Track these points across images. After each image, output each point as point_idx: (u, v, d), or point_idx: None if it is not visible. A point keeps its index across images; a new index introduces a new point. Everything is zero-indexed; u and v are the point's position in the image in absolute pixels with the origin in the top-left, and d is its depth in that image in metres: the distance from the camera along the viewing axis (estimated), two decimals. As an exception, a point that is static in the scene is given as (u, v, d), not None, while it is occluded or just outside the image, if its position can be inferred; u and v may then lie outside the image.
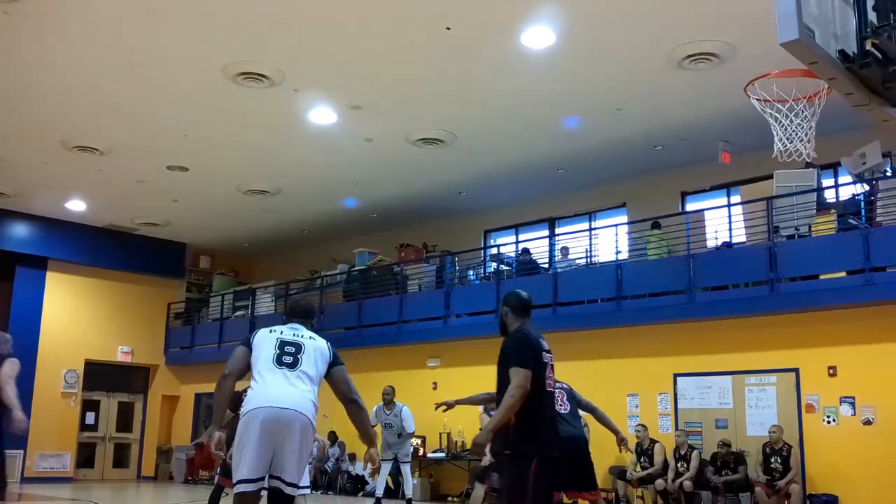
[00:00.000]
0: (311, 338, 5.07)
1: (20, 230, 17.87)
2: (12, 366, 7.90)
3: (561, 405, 6.96)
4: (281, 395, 4.68)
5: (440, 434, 14.28)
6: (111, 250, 18.89)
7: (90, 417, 19.29)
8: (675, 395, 12.23)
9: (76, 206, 17.12)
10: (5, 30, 9.64)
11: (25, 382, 17.42)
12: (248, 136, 12.97)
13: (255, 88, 11.02)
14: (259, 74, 10.66)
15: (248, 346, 4.97)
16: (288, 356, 4.87)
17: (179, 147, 13.50)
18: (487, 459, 6.87)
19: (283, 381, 4.76)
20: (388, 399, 11.60)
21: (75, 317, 18.81)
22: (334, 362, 5.05)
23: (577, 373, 12.97)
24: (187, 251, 20.56)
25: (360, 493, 14.87)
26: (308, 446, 4.79)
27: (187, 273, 20.76)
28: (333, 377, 5.02)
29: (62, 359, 18.40)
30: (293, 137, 12.97)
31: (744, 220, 11.91)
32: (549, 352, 4.97)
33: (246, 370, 4.95)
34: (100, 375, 19.30)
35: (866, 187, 10.89)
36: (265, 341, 4.94)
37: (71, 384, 18.58)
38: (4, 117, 12.40)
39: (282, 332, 5.03)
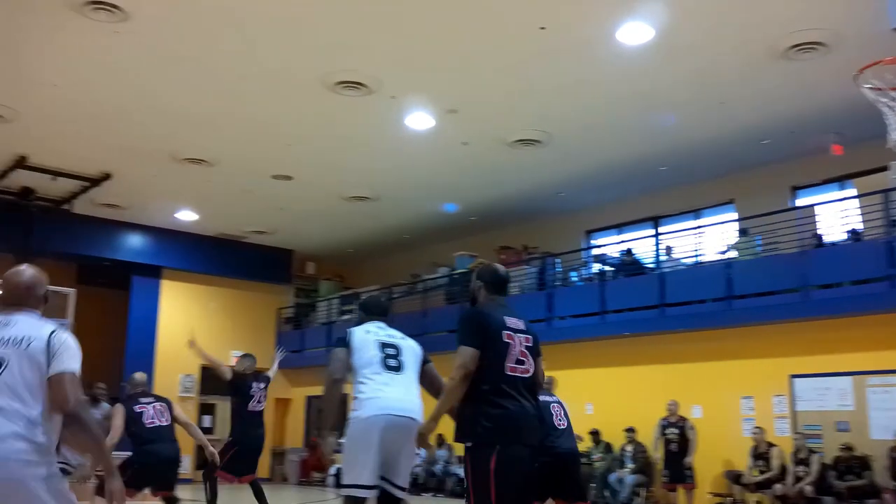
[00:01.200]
0: (402, 338, 5.05)
1: (135, 241, 18.65)
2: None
3: (559, 420, 6.88)
4: (398, 402, 4.68)
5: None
6: (222, 258, 19.53)
7: (207, 421, 19.95)
8: (792, 396, 11.75)
9: (187, 216, 17.78)
10: (116, 49, 10.06)
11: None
12: (348, 144, 13.17)
13: (353, 97, 11.17)
14: (357, 83, 10.79)
15: (347, 346, 4.92)
16: (392, 359, 4.84)
17: (283, 156, 13.83)
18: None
19: (396, 386, 4.73)
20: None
21: (189, 323, 19.48)
22: (426, 359, 5.04)
23: (687, 375, 12.74)
24: (294, 257, 21.04)
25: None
26: (416, 450, 4.80)
27: (294, 279, 21.26)
28: (428, 374, 5.00)
29: (179, 364, 19.09)
30: (391, 143, 13.09)
31: (860, 214, 11.34)
32: (520, 331, 4.35)
33: (349, 372, 4.93)
34: (215, 380, 19.84)
35: None
36: (366, 342, 4.89)
37: (188, 389, 19.26)
38: (117, 134, 12.95)
39: (377, 333, 4.98)
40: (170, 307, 19.30)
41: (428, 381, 5.00)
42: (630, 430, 12.94)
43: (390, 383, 4.74)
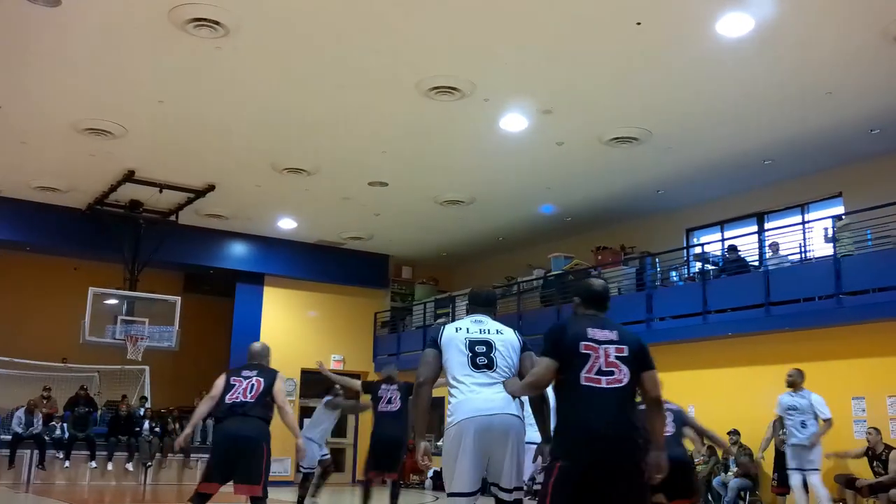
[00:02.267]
0: (498, 331, 4.92)
1: (238, 249, 19.20)
2: (283, 380, 7.37)
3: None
4: (487, 402, 4.60)
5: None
6: (320, 264, 19.91)
7: (306, 423, 20.29)
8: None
9: (287, 224, 18.19)
10: (217, 64, 10.38)
11: (250, 391, 18.82)
12: (442, 148, 13.23)
13: (447, 101, 11.21)
14: (450, 87, 10.82)
15: (437, 347, 4.87)
16: (482, 357, 4.74)
17: (379, 163, 14.00)
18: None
19: (486, 386, 4.65)
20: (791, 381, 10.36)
21: (290, 328, 19.94)
22: (523, 348, 4.93)
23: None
24: (390, 262, 21.30)
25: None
26: (522, 447, 4.69)
27: (391, 283, 21.50)
28: (523, 365, 4.85)
29: (280, 368, 19.15)
30: (485, 146, 13.09)
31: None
32: (608, 342, 4.26)
33: (439, 372, 4.87)
34: (315, 383, 20.30)
35: None
36: (454, 342, 4.81)
37: (289, 392, 19.69)
38: (220, 146, 13.38)
39: (468, 330, 4.89)
40: (272, 313, 19.77)
41: (521, 374, 4.84)
42: (734, 433, 12.56)
43: (480, 383, 4.67)
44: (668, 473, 6.49)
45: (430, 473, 18.52)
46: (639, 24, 9.11)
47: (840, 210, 13.37)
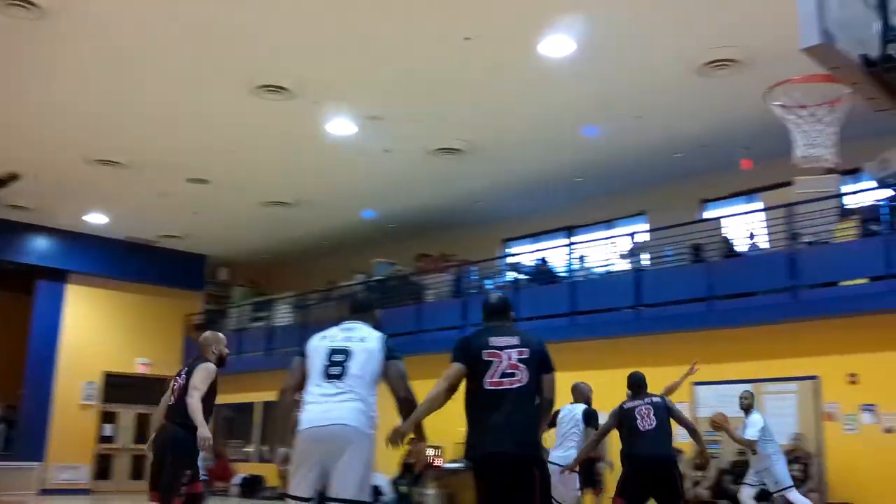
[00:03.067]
0: (361, 339, 4.85)
1: (40, 244, 18.05)
2: (203, 371, 6.78)
3: (644, 423, 7.02)
4: (325, 413, 4.56)
5: (457, 444, 14.24)
6: (131, 263, 19.05)
7: (108, 429, 19.37)
8: (694, 403, 12.17)
9: (97, 219, 17.28)
10: (29, 46, 9.77)
11: (45, 395, 17.75)
12: (269, 148, 13.06)
13: (275, 101, 11.10)
14: (279, 87, 10.73)
15: (303, 354, 4.86)
16: (336, 366, 4.70)
17: (200, 160, 13.62)
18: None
19: (330, 395, 4.61)
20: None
21: (95, 329, 18.95)
22: (389, 357, 4.83)
23: (596, 382, 12.92)
24: (207, 263, 20.70)
25: (380, 504, 14.84)
26: (363, 458, 4.58)
27: (206, 285, 20.89)
28: (387, 373, 4.83)
29: (81, 371, 18.53)
30: (313, 149, 13.04)
31: (765, 228, 11.87)
32: (509, 347, 4.68)
33: (303, 381, 4.82)
34: (118, 387, 19.39)
35: (889, 192, 10.82)
36: (317, 351, 4.81)
37: (90, 396, 18.69)
38: (27, 133, 12.55)
39: (333, 339, 4.86)
40: (75, 312, 18.72)
41: (386, 379, 4.86)
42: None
43: (325, 392, 4.64)
44: (650, 474, 6.83)
45: (235, 480, 18.13)
46: (468, 39, 9.43)
47: (644, 227, 14.36)
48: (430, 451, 13.61)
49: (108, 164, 13.67)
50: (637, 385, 7.43)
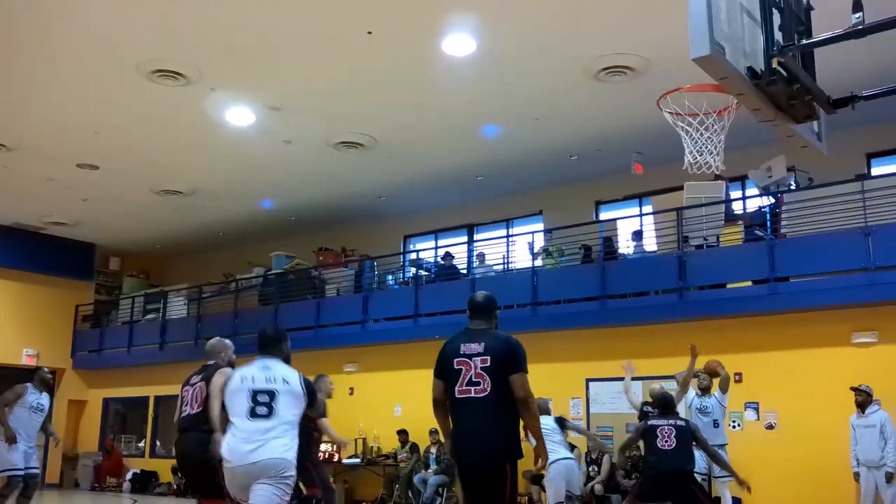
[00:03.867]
0: (284, 380, 5.20)
1: (-85, 227, 17.06)
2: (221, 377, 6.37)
3: (664, 442, 7.80)
4: (252, 451, 4.95)
5: (356, 440, 14.20)
6: (16, 250, 18.21)
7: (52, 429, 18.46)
8: (588, 399, 12.46)
9: (-22, 203, 16.44)
10: None
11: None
12: (163, 135, 12.67)
13: (170, 86, 10.78)
14: (175, 72, 10.43)
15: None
16: (262, 406, 5.05)
17: (90, 145, 13.10)
18: None
19: (257, 433, 4.99)
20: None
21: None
22: (309, 402, 5.33)
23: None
24: (97, 252, 19.99)
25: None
26: (284, 489, 5.03)
27: (96, 274, 20.17)
28: (315, 410, 5.65)
29: (-41, 363, 17.62)
30: (209, 138, 12.73)
31: (655, 230, 12.23)
32: (475, 354, 4.84)
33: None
34: (3, 379, 18.47)
35: (772, 200, 11.33)
36: (237, 394, 5.14)
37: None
38: None
39: (253, 380, 5.16)
40: (-47, 301, 17.76)
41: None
42: (434, 432, 13.19)
43: (251, 430, 5.04)
44: (666, 487, 7.72)
45: (128, 476, 17.64)
46: (370, 33, 9.38)
47: (540, 227, 14.61)
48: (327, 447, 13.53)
49: (-10, 146, 13.03)
50: (664, 405, 8.22)
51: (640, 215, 13.44)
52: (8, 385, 18.54)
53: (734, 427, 11.02)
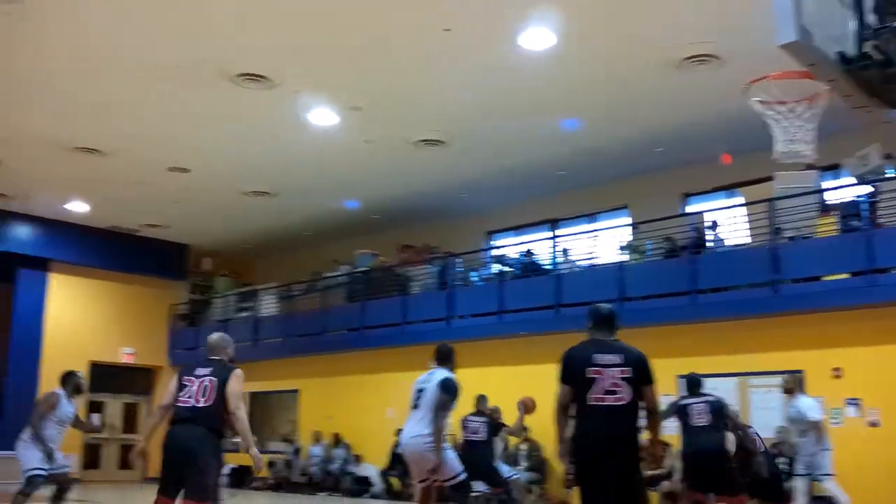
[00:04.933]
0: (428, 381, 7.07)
1: (21, 231, 17.85)
2: (239, 380, 6.19)
3: (697, 418, 8.18)
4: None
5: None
6: (114, 252, 18.89)
7: (96, 419, 19.25)
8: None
9: (78, 207, 17.12)
10: (4, 31, 9.63)
11: (30, 384, 17.61)
12: (249, 138, 12.95)
13: (255, 90, 10.99)
14: (259, 75, 10.63)
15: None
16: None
17: (181, 148, 13.50)
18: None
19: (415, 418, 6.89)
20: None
21: (79, 318, 18.82)
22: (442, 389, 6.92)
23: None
24: (190, 253, 20.56)
25: (366, 495, 14.85)
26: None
27: (190, 274, 20.77)
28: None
29: (66, 360, 18.22)
30: (294, 139, 12.95)
31: (747, 222, 11.87)
32: (613, 365, 5.08)
33: None
34: (104, 377, 19.29)
35: (868, 189, 10.83)
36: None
37: (76, 386, 18.52)
38: (4, 120, 12.39)
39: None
40: (58, 302, 18.56)
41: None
42: (524, 429, 13.12)
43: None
44: (697, 465, 8.04)
45: (226, 470, 18.08)
46: (447, 30, 9.36)
47: (626, 220, 14.34)
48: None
49: (86, 151, 13.52)
50: (693, 384, 8.64)
51: (730, 207, 13.03)
52: (108, 382, 19.43)
53: (835, 424, 10.59)
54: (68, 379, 9.01)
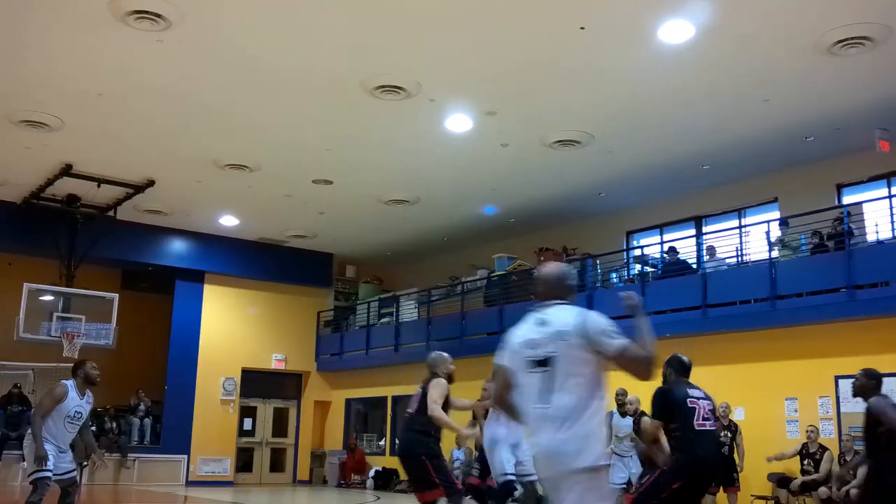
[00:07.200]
0: None
1: (178, 246, 18.92)
2: (439, 388, 7.64)
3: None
4: None
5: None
6: (263, 262, 19.73)
7: (248, 423, 20.16)
8: (837, 398, 11.54)
9: (229, 221, 17.99)
10: (159, 57, 10.23)
11: (187, 390, 18.62)
12: (387, 147, 13.22)
13: (392, 100, 11.22)
14: (396, 86, 10.84)
15: None
16: None
17: (323, 161, 13.94)
18: None
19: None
20: None
21: (231, 327, 19.73)
22: None
23: (729, 377, 12.56)
24: (334, 261, 21.20)
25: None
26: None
27: (335, 282, 21.42)
28: None
29: (220, 367, 19.33)
30: (430, 146, 13.13)
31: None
32: (699, 398, 6.38)
33: None
34: (256, 382, 20.15)
35: None
36: None
37: (229, 391, 19.47)
38: (161, 141, 13.18)
39: None
40: (212, 311, 19.54)
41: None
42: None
43: None
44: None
45: (371, 473, 18.51)
46: (582, 28, 9.24)
47: (776, 215, 13.71)
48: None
49: (236, 168, 14.20)
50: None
51: (890, 197, 12.23)
52: (260, 388, 20.23)
53: None
54: (77, 369, 7.59)
